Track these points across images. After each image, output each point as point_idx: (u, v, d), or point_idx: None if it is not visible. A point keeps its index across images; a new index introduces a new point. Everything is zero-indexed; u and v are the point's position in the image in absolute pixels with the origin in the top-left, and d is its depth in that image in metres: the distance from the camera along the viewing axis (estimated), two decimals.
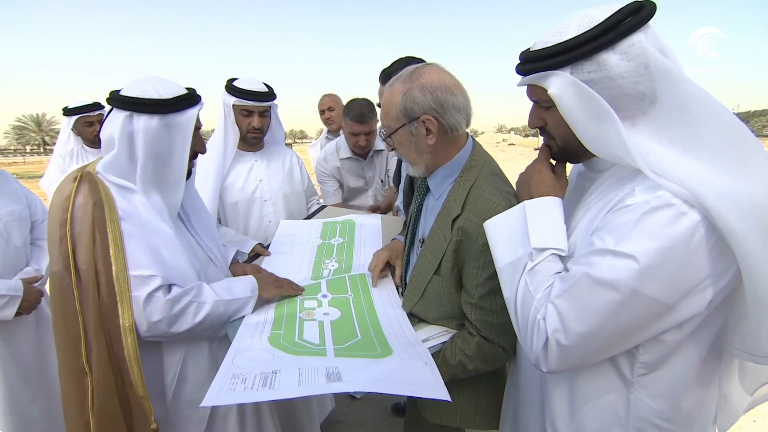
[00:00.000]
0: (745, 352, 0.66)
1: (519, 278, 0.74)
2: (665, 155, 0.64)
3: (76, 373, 0.92)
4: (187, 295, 0.97)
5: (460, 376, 0.98)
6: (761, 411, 2.19)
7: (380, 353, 0.89)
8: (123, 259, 0.91)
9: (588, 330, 0.65)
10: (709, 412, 0.75)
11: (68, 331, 0.92)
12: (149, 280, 0.93)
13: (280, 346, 0.95)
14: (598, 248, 0.65)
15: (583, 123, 0.69)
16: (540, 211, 0.76)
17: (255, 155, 1.78)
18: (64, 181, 0.99)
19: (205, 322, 0.99)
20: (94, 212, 0.91)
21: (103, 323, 0.90)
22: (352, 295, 1.18)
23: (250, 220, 1.76)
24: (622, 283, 0.61)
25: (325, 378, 0.78)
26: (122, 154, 0.98)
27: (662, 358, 0.69)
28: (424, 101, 0.93)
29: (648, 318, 0.63)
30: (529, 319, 0.71)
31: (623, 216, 0.64)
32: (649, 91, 0.66)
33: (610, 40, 0.64)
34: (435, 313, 1.04)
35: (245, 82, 1.66)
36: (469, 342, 0.95)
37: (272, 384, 0.78)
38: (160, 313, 0.93)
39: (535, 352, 0.70)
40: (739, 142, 0.62)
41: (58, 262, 0.91)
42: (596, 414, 0.76)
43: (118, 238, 0.91)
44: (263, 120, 1.69)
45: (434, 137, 0.96)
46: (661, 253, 0.59)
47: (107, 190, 0.95)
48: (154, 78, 1.01)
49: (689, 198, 0.59)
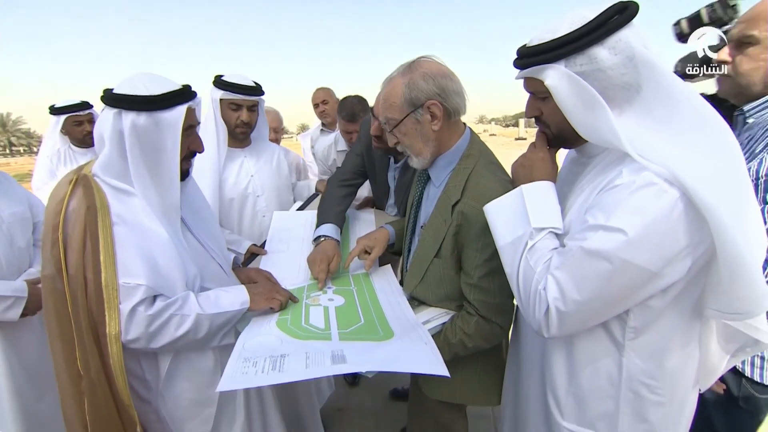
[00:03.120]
0: (718, 311, 0.73)
1: (521, 255, 0.80)
2: (648, 140, 0.71)
3: (73, 376, 0.92)
4: (170, 308, 0.95)
5: (460, 354, 1.03)
6: None
7: (382, 336, 0.93)
8: (113, 266, 0.89)
9: (584, 297, 0.71)
10: (692, 371, 0.82)
11: (63, 334, 0.92)
12: (135, 291, 0.91)
13: (287, 330, 0.98)
14: (591, 224, 0.71)
15: (576, 111, 0.76)
16: (538, 194, 0.83)
17: (244, 151, 1.79)
18: (60, 184, 0.97)
19: (187, 335, 0.97)
20: (86, 217, 0.89)
21: (93, 330, 0.90)
22: (356, 288, 1.22)
23: (244, 215, 1.77)
24: (613, 254, 0.68)
25: (331, 360, 0.82)
26: (113, 152, 0.96)
27: (649, 322, 0.76)
28: (427, 88, 0.97)
29: (637, 284, 0.70)
30: (531, 291, 0.77)
31: (612, 195, 0.70)
32: (634, 81, 0.73)
33: (600, 36, 0.71)
34: (435, 295, 1.08)
35: (234, 76, 1.66)
36: (469, 321, 1.01)
37: (281, 367, 0.81)
38: (138, 329, 0.91)
39: (537, 319, 0.77)
40: (709, 126, 0.69)
41: (50, 265, 0.91)
42: (592, 377, 0.82)
43: (110, 243, 0.90)
44: (251, 114, 1.70)
45: (439, 122, 1.00)
46: (646, 226, 0.66)
47: (102, 193, 0.94)
48: (145, 75, 0.98)
49: (669, 177, 0.66)
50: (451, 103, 1.00)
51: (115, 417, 0.93)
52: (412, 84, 0.98)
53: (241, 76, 1.67)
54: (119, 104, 0.93)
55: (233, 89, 1.62)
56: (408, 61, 1.03)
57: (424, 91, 0.97)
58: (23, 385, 1.43)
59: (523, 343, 1.02)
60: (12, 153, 60.90)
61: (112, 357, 0.90)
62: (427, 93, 0.97)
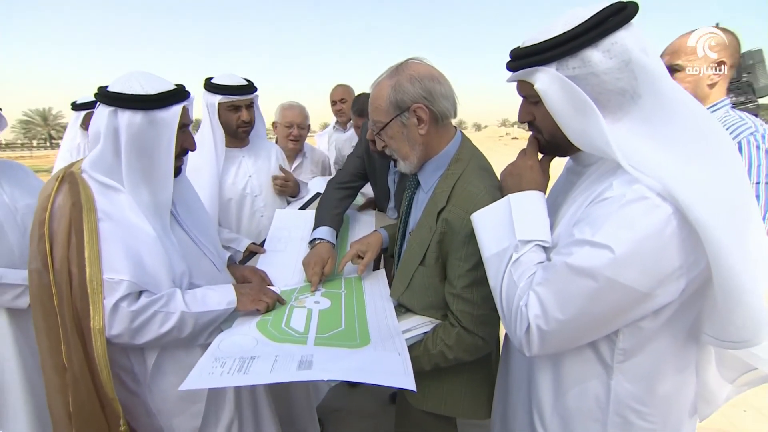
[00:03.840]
0: (714, 338, 0.68)
1: (504, 269, 0.77)
2: (643, 150, 0.67)
3: (58, 369, 0.93)
4: (154, 304, 0.95)
5: (441, 365, 1.00)
6: (751, 401, 2.22)
7: (358, 343, 0.92)
8: (98, 261, 0.90)
9: (567, 317, 0.68)
10: (687, 399, 0.77)
11: (48, 326, 0.93)
12: (118, 287, 0.91)
13: (266, 331, 0.97)
14: (577, 239, 0.68)
15: (567, 116, 0.72)
16: (525, 205, 0.79)
17: (242, 151, 1.80)
18: (48, 181, 0.99)
19: (171, 333, 0.97)
20: (71, 213, 0.90)
21: (77, 323, 0.91)
22: (345, 292, 1.21)
23: (243, 215, 1.79)
24: (598, 272, 0.64)
25: (297, 366, 0.80)
26: (107, 149, 0.97)
27: (640, 345, 0.72)
28: (413, 91, 0.95)
29: (624, 305, 0.66)
30: (513, 307, 0.74)
31: (601, 209, 0.67)
32: (630, 87, 0.69)
33: (594, 38, 0.67)
34: (420, 302, 1.06)
35: (225, 78, 1.66)
36: (450, 332, 0.98)
37: (247, 369, 0.80)
38: (121, 325, 0.92)
39: (518, 337, 0.74)
40: (711, 139, 0.65)
41: (37, 260, 0.92)
42: (579, 398, 0.79)
43: (95, 240, 0.91)
44: (250, 112, 1.71)
45: (426, 126, 0.98)
46: (635, 243, 0.62)
47: (88, 190, 0.95)
48: (140, 73, 1.00)
49: (662, 191, 0.62)
50: (438, 106, 0.97)
51: (98, 410, 0.94)
52: (398, 87, 0.96)
53: (231, 76, 1.68)
54: (115, 102, 0.94)
55: (229, 91, 1.64)
56: (396, 63, 1.01)
57: (410, 94, 0.95)
58: (33, 371, 1.47)
59: (512, 356, 0.98)
60: (51, 145, 64.48)
61: (96, 351, 0.90)
62: (413, 96, 0.95)
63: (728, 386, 0.81)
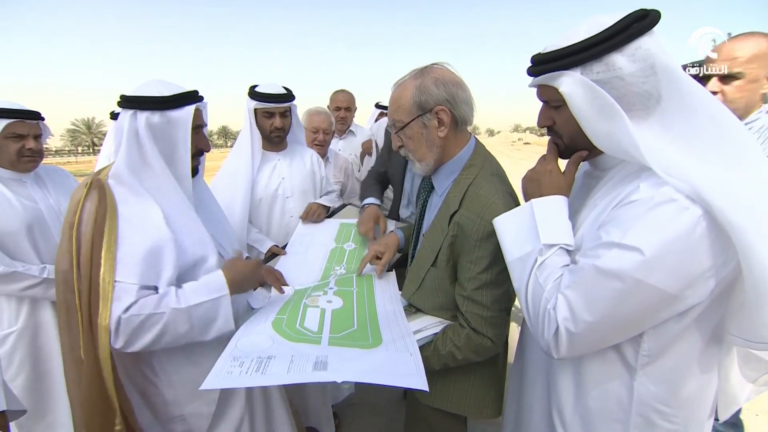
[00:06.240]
0: (742, 338, 0.67)
1: (529, 272, 0.77)
2: (669, 152, 0.67)
3: (77, 362, 0.99)
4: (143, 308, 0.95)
5: (450, 365, 1.02)
6: (764, 405, 2.14)
7: (371, 344, 0.94)
8: (112, 263, 0.95)
9: (596, 318, 0.68)
10: (709, 399, 0.76)
11: (70, 322, 0.99)
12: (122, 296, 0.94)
13: (281, 331, 1.00)
14: (605, 241, 0.67)
15: (592, 120, 0.72)
16: (548, 209, 0.80)
17: (278, 155, 1.90)
18: (79, 186, 1.07)
19: (167, 332, 0.97)
20: (97, 218, 0.97)
21: (90, 320, 0.96)
22: (357, 290, 1.24)
23: (273, 215, 1.88)
24: (627, 274, 0.64)
25: (313, 367, 0.82)
26: (130, 150, 1.04)
27: (665, 347, 0.71)
28: (437, 93, 0.97)
29: (652, 307, 0.66)
30: (540, 310, 0.74)
31: (629, 211, 0.67)
32: (655, 90, 0.69)
33: (618, 43, 0.68)
34: (430, 303, 1.09)
35: (265, 86, 1.78)
36: (459, 333, 1.00)
37: (264, 370, 0.82)
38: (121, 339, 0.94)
39: (546, 340, 0.73)
40: (735, 140, 0.65)
41: (65, 260, 0.99)
42: (601, 399, 0.79)
43: (113, 242, 0.97)
44: (284, 120, 1.81)
45: (446, 129, 1.00)
46: (664, 245, 0.62)
47: (112, 196, 1.01)
48: (157, 80, 1.10)
49: (691, 193, 0.61)
50: (459, 111, 1.00)
51: (106, 404, 0.99)
52: (423, 88, 0.98)
53: (273, 85, 1.79)
54: (134, 105, 1.03)
55: (264, 98, 1.75)
56: (421, 66, 1.04)
57: (434, 96, 0.98)
58: None
59: (528, 355, 0.99)
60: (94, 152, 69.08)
61: (101, 347, 0.95)
62: (437, 98, 0.98)
63: (749, 386, 0.80)
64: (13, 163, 1.52)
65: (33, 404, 1.58)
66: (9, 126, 1.48)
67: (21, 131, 1.51)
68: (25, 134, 1.52)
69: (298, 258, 1.58)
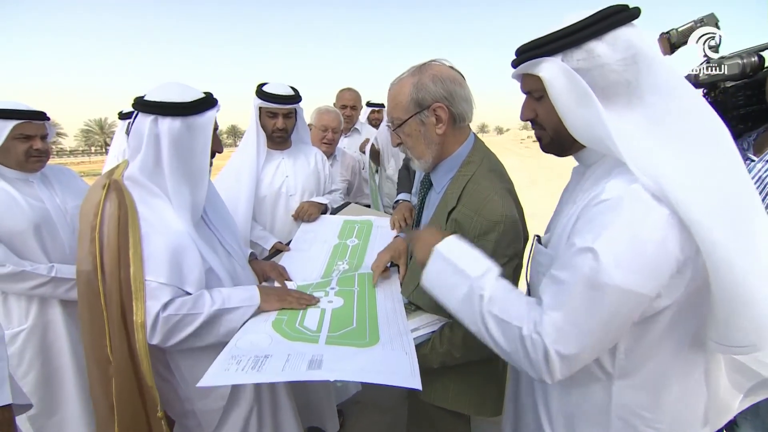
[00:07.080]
0: (719, 343, 0.66)
1: (479, 311, 0.76)
2: (646, 144, 0.66)
3: (101, 362, 1.01)
4: (183, 307, 1.00)
5: (448, 363, 1.01)
6: None
7: (367, 342, 0.94)
8: (140, 262, 0.98)
9: (585, 334, 0.66)
10: (698, 407, 0.75)
11: (93, 323, 1.00)
12: (161, 292, 0.98)
13: (281, 330, 1.01)
14: (579, 247, 0.66)
15: (569, 108, 0.72)
16: (455, 247, 0.84)
17: (283, 153, 1.91)
18: (94, 188, 1.08)
19: (201, 332, 1.01)
20: (120, 219, 0.99)
21: (123, 318, 0.98)
22: (358, 289, 1.24)
23: (277, 213, 1.89)
24: (606, 282, 0.63)
25: (307, 365, 0.82)
26: (149, 155, 1.04)
27: (642, 353, 0.71)
28: (435, 90, 0.97)
29: (634, 310, 0.65)
30: (517, 340, 0.71)
31: (599, 213, 0.66)
32: (635, 80, 0.68)
33: (598, 31, 0.68)
34: (429, 301, 1.05)
35: (272, 86, 1.78)
36: (456, 332, 0.99)
37: (260, 368, 0.82)
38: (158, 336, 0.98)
39: (535, 366, 0.69)
40: (711, 135, 0.64)
41: (87, 261, 1.00)
42: (581, 400, 0.79)
43: (138, 242, 0.98)
44: (287, 121, 1.82)
45: (444, 126, 0.99)
46: (635, 247, 0.61)
47: (131, 197, 1.03)
48: (174, 84, 1.09)
49: (657, 191, 0.61)
50: (457, 108, 0.99)
51: (137, 398, 1.01)
52: (421, 85, 0.98)
53: (280, 86, 1.80)
54: (155, 110, 1.02)
55: (269, 98, 1.76)
56: (419, 63, 1.03)
57: (432, 93, 0.97)
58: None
59: None
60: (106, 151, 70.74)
61: (138, 342, 0.98)
62: (435, 95, 0.97)
63: (740, 396, 0.78)
64: (20, 163, 1.54)
65: (44, 401, 1.60)
66: (17, 127, 1.50)
67: (29, 132, 1.53)
68: (33, 135, 1.55)
69: (302, 254, 1.59)
